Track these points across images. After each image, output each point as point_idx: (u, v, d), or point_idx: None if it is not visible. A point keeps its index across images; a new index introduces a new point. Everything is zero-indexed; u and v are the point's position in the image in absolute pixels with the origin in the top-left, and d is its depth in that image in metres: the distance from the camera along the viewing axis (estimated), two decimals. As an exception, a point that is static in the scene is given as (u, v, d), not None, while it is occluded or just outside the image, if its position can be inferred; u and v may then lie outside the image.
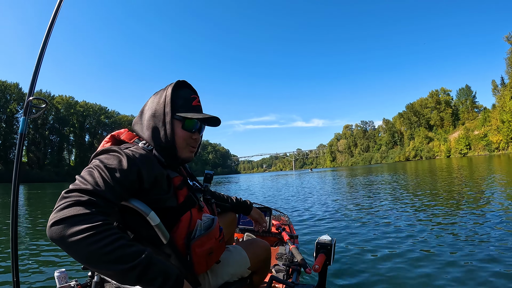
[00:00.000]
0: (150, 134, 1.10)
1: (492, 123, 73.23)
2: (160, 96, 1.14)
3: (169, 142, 1.09)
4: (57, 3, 1.58)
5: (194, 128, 1.14)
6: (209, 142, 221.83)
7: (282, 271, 1.87)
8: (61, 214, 0.75)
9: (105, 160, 0.92)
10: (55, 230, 0.73)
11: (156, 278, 0.81)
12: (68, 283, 1.39)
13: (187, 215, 1.09)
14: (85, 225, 0.74)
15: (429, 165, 34.39)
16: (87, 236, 0.73)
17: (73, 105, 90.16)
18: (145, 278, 0.79)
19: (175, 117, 1.11)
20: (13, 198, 1.41)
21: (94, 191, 0.82)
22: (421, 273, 2.69)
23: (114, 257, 0.75)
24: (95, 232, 0.74)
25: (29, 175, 66.74)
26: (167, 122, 1.09)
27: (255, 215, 1.82)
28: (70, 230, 0.73)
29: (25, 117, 1.51)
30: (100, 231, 0.75)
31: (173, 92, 1.13)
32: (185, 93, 1.16)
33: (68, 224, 0.74)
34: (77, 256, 0.74)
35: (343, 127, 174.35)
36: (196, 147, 1.20)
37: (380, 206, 6.72)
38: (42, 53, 1.55)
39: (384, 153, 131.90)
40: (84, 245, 0.73)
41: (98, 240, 0.74)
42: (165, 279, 0.83)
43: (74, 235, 0.73)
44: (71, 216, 0.75)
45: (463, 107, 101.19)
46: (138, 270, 0.78)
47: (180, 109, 1.12)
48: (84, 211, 0.76)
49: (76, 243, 0.72)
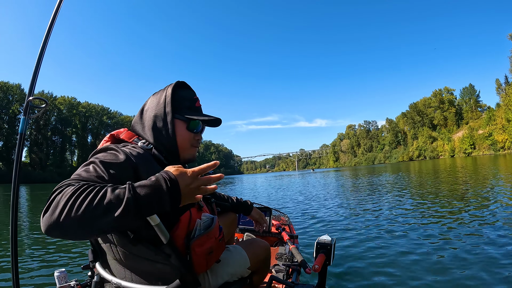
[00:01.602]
0: (152, 133, 1.11)
1: (497, 122, 72.61)
2: (160, 96, 1.14)
3: (171, 142, 1.10)
4: (57, 3, 1.58)
5: (197, 129, 1.16)
6: (212, 143, 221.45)
7: (282, 271, 1.86)
8: (49, 202, 0.73)
9: (101, 157, 0.92)
10: (45, 217, 0.71)
11: (151, 202, 0.75)
12: (68, 283, 1.39)
13: (187, 214, 1.08)
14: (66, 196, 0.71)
15: (433, 165, 34.23)
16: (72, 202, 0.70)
17: (75, 105, 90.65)
18: (143, 211, 0.74)
19: (178, 118, 1.12)
20: (13, 198, 1.42)
21: (86, 179, 0.81)
22: (421, 273, 2.68)
23: (102, 209, 0.70)
24: (77, 194, 0.71)
25: (31, 176, 67.25)
26: (168, 122, 1.10)
27: (255, 215, 1.82)
28: (56, 209, 0.70)
29: (25, 117, 1.51)
30: (81, 190, 0.72)
31: (173, 92, 1.13)
32: (188, 94, 1.17)
33: (54, 205, 0.71)
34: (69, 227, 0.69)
35: (346, 127, 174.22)
36: (198, 147, 1.21)
37: (381, 206, 6.70)
38: (42, 53, 1.56)
39: (388, 153, 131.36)
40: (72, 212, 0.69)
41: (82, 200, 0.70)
42: (159, 198, 0.76)
43: (62, 210, 0.69)
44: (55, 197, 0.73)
45: (466, 107, 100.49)
46: (132, 210, 0.72)
47: (185, 110, 1.13)
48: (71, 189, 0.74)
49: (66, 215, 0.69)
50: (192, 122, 1.13)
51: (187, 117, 1.12)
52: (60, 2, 1.59)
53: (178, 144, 1.12)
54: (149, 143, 1.10)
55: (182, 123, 1.12)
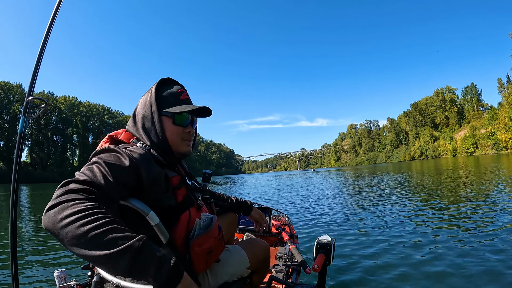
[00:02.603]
0: (144, 134, 1.12)
1: (500, 121, 72.18)
2: (147, 96, 1.15)
3: (161, 140, 1.10)
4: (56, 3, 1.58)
5: (185, 122, 1.15)
6: (213, 142, 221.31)
7: (281, 271, 1.86)
8: (56, 200, 0.75)
9: (104, 158, 0.92)
10: (48, 216, 0.73)
11: (149, 264, 0.72)
12: (67, 283, 1.39)
13: (186, 214, 1.09)
14: (76, 208, 0.73)
15: (435, 164, 34.12)
16: (78, 218, 0.71)
17: (76, 105, 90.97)
18: (136, 265, 0.71)
19: (164, 114, 1.12)
20: (13, 198, 1.42)
21: (91, 182, 0.83)
22: (421, 274, 2.68)
23: (103, 240, 0.70)
24: (86, 214, 0.73)
25: (32, 175, 67.50)
26: (155, 121, 1.10)
27: (255, 215, 1.81)
28: (61, 214, 0.72)
29: (24, 117, 1.51)
30: (91, 213, 0.73)
31: (157, 90, 1.14)
32: (171, 88, 1.17)
33: (60, 209, 0.73)
34: (67, 240, 0.71)
35: (348, 126, 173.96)
36: (191, 141, 1.20)
37: (381, 206, 6.69)
38: (41, 53, 1.56)
39: (389, 152, 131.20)
40: (74, 227, 0.70)
41: (87, 222, 0.71)
42: (159, 267, 0.73)
43: (65, 218, 0.72)
44: (64, 200, 0.75)
45: (468, 106, 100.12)
46: (129, 255, 0.70)
47: (168, 105, 1.13)
48: (78, 196, 0.77)
49: (67, 226, 0.71)
50: (177, 116, 1.12)
51: (169, 111, 1.11)
52: (60, 2, 1.59)
53: (168, 140, 1.11)
54: (146, 145, 1.11)
55: (168, 119, 1.12)
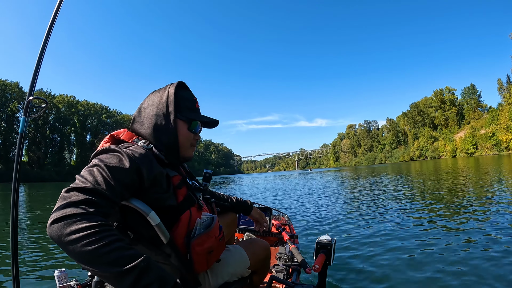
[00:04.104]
0: (152, 132, 1.11)
1: (501, 122, 71.78)
2: (162, 94, 1.15)
3: (173, 141, 1.11)
4: (57, 2, 1.58)
5: (197, 129, 1.19)
6: (211, 142, 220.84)
7: (282, 271, 1.86)
8: (61, 213, 0.75)
9: (105, 159, 0.92)
10: (54, 228, 0.73)
11: (152, 284, 0.76)
12: (68, 283, 1.39)
13: (187, 214, 1.09)
14: (83, 224, 0.74)
15: (434, 165, 34.14)
16: (85, 236, 0.72)
17: (74, 104, 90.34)
18: (140, 283, 0.75)
19: (180, 118, 1.13)
20: (13, 198, 1.41)
21: (94, 189, 0.82)
22: (421, 274, 2.68)
23: (110, 258, 0.73)
24: (93, 232, 0.73)
25: (29, 174, 66.95)
26: (171, 121, 1.11)
27: (255, 215, 1.81)
28: (68, 228, 0.73)
29: (25, 117, 1.51)
30: (98, 231, 0.74)
31: (176, 92, 1.14)
32: (188, 95, 1.19)
33: (67, 223, 0.73)
34: (74, 255, 0.73)
35: (347, 126, 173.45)
36: (195, 147, 1.25)
37: (381, 206, 6.70)
38: (42, 52, 1.55)
39: (388, 153, 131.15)
40: (81, 244, 0.72)
41: (96, 241, 0.73)
42: (161, 286, 0.78)
43: (72, 234, 0.72)
44: (70, 214, 0.75)
45: (468, 106, 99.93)
46: (134, 274, 0.74)
47: (186, 111, 1.15)
48: (83, 210, 0.76)
49: (74, 242, 0.72)
50: (193, 123, 1.16)
51: (189, 118, 1.15)
52: (61, 2, 1.59)
53: (179, 143, 1.14)
54: (149, 143, 1.10)
55: (184, 123, 1.14)
